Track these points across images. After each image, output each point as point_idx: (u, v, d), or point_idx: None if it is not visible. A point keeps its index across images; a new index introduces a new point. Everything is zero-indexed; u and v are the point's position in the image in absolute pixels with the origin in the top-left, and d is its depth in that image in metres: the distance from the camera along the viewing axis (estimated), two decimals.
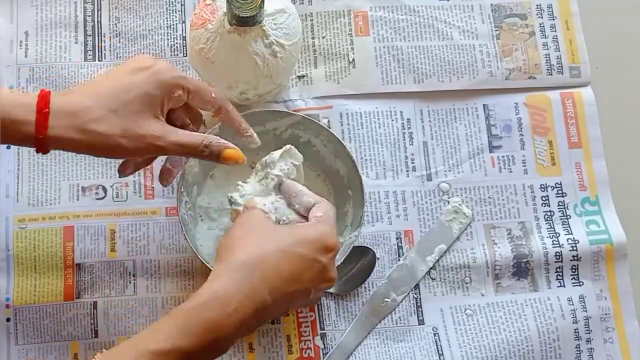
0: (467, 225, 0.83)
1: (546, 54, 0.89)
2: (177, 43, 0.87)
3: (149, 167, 0.82)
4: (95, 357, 0.58)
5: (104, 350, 0.59)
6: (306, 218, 0.70)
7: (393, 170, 0.85)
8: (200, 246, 0.78)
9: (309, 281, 0.64)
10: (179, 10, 0.88)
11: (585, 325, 0.80)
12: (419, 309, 0.81)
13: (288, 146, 0.73)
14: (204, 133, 0.70)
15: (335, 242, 0.66)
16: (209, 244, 0.79)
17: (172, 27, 0.87)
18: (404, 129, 0.86)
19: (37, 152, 0.64)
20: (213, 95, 0.70)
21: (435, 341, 0.80)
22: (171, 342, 0.58)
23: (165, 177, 0.76)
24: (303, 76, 0.87)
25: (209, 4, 0.75)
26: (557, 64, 0.88)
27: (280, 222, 0.70)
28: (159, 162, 0.83)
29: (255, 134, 0.74)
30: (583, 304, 0.81)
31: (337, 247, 0.66)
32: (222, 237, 0.67)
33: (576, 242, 0.82)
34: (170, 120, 0.69)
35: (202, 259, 0.74)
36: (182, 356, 0.58)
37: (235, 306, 0.59)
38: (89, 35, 0.86)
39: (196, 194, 0.80)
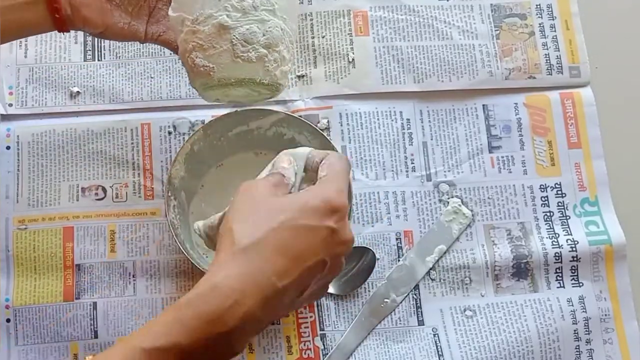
0: (466, 225, 0.83)
1: (546, 54, 0.89)
2: None
3: (148, 167, 0.82)
4: (87, 359, 0.56)
5: (95, 353, 0.56)
6: None
7: (393, 170, 0.85)
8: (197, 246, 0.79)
9: (320, 250, 0.57)
10: None
11: (585, 326, 0.81)
12: (419, 310, 0.81)
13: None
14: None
15: (341, 201, 0.59)
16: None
17: None
18: (404, 129, 0.86)
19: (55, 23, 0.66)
20: None
21: (435, 342, 0.80)
22: (166, 338, 0.52)
23: None
24: (302, 76, 0.87)
25: None
26: (557, 63, 0.88)
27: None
28: (158, 162, 0.83)
29: None
30: (583, 304, 0.81)
31: (344, 205, 0.59)
32: (222, 222, 0.61)
33: (575, 242, 0.82)
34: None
35: (194, 262, 0.74)
36: (179, 355, 0.52)
37: (237, 297, 0.53)
38: (89, 35, 0.86)
39: (185, 200, 0.80)
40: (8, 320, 0.78)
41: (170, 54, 0.86)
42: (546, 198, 0.85)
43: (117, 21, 0.69)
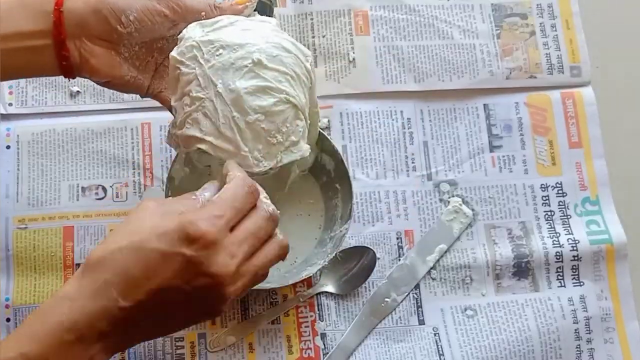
0: (467, 225, 0.83)
1: (547, 54, 0.88)
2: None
3: (148, 167, 0.82)
4: None
5: None
6: None
7: (393, 170, 0.85)
8: None
9: (171, 277, 0.55)
10: None
11: (586, 325, 0.80)
12: (420, 309, 0.81)
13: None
14: None
15: (201, 230, 0.55)
16: None
17: None
18: (404, 128, 0.86)
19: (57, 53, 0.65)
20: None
21: (436, 341, 0.80)
22: (14, 350, 0.53)
23: None
24: None
25: None
26: (558, 63, 0.88)
27: None
28: (158, 162, 0.83)
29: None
30: (583, 304, 0.81)
31: (204, 235, 0.55)
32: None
33: (576, 242, 0.82)
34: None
35: None
36: None
37: (80, 310, 0.54)
38: None
39: None
40: (8, 320, 0.78)
41: None
42: (547, 197, 0.85)
43: (125, 74, 0.68)
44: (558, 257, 0.82)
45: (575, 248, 0.82)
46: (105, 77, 0.68)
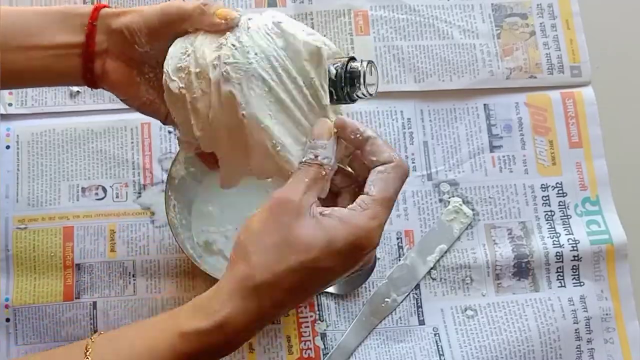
0: (467, 225, 0.83)
1: (547, 54, 0.88)
2: None
3: (148, 167, 0.82)
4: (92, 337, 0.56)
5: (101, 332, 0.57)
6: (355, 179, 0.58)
7: None
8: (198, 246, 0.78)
9: (331, 281, 0.56)
10: None
11: (586, 325, 0.80)
12: (420, 309, 0.81)
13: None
14: None
15: (375, 242, 0.54)
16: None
17: None
18: (405, 128, 0.86)
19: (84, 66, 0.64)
20: None
21: (436, 341, 0.80)
22: None
23: None
24: None
25: None
26: (558, 63, 0.88)
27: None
28: (158, 162, 0.83)
29: None
30: (584, 304, 0.81)
31: (376, 246, 0.55)
32: (242, 227, 0.56)
33: (577, 242, 0.82)
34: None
35: (194, 261, 0.74)
36: None
37: (240, 332, 0.54)
38: None
39: (185, 199, 0.79)
40: (8, 320, 0.78)
41: None
42: (547, 197, 0.85)
43: (142, 95, 0.67)
44: (558, 257, 0.82)
45: (575, 248, 0.82)
46: (122, 94, 0.67)
